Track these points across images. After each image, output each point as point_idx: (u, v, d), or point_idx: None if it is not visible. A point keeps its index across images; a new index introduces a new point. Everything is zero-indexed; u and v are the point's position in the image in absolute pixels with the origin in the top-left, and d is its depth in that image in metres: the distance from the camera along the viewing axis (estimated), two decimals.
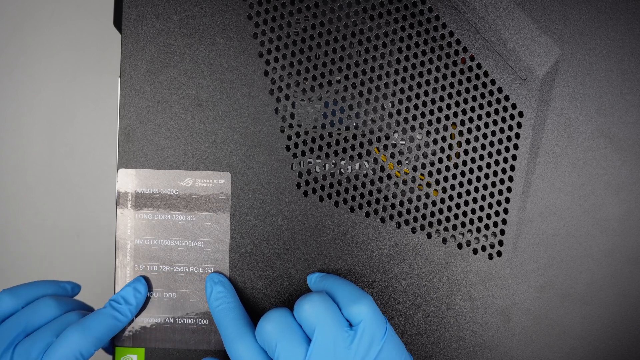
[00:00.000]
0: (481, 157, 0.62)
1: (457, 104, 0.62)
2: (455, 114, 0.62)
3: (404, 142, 0.62)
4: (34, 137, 1.00)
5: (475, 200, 0.62)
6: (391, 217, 0.63)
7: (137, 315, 0.63)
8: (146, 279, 0.63)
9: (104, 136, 1.00)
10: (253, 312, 0.63)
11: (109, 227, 1.01)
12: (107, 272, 0.99)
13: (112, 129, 0.99)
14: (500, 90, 0.62)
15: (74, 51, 1.00)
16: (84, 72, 1.00)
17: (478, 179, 0.62)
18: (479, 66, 0.62)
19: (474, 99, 0.62)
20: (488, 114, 0.62)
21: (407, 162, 0.62)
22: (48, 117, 0.99)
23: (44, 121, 0.99)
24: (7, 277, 1.00)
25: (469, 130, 0.62)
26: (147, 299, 0.63)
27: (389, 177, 0.62)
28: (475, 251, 0.63)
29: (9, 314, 0.60)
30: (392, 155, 0.62)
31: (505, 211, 0.63)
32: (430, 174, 0.62)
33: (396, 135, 0.62)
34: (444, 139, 0.62)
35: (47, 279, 0.99)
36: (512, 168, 0.62)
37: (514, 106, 0.62)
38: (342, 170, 0.63)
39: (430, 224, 0.63)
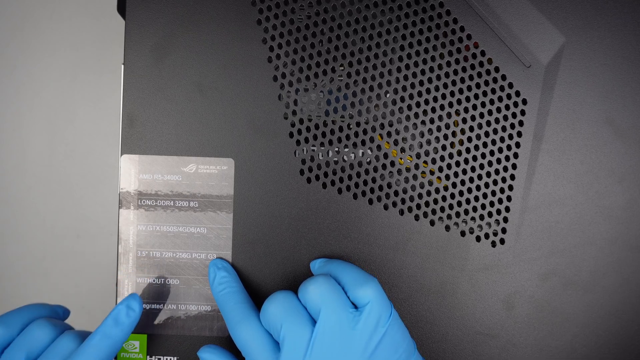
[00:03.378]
0: (485, 145, 0.62)
1: (460, 91, 0.62)
2: (459, 101, 0.62)
3: (407, 130, 0.62)
4: (34, 137, 1.00)
5: (478, 188, 0.62)
6: (394, 204, 0.63)
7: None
8: (144, 291, 0.63)
9: (104, 136, 1.00)
10: (256, 298, 0.63)
11: (109, 227, 1.01)
12: (107, 272, 0.99)
13: (112, 129, 0.99)
14: (504, 77, 0.62)
15: (74, 51, 1.00)
16: (84, 72, 1.00)
17: (481, 166, 0.62)
18: (482, 53, 0.62)
19: (478, 86, 0.62)
20: (492, 102, 0.62)
21: (410, 150, 0.62)
22: (48, 117, 0.99)
23: (44, 121, 0.99)
24: (6, 277, 1.00)
25: (473, 118, 0.62)
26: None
27: (392, 164, 0.62)
28: (478, 239, 0.63)
29: (6, 345, 0.59)
30: (396, 143, 0.62)
31: (509, 199, 0.63)
32: (433, 161, 0.62)
33: (400, 123, 0.62)
34: (447, 126, 0.62)
35: (47, 279, 0.99)
36: (516, 155, 0.62)
37: (517, 93, 0.62)
38: (345, 157, 0.63)
39: (434, 212, 0.63)
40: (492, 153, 0.62)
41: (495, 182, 0.62)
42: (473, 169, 0.62)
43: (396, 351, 0.55)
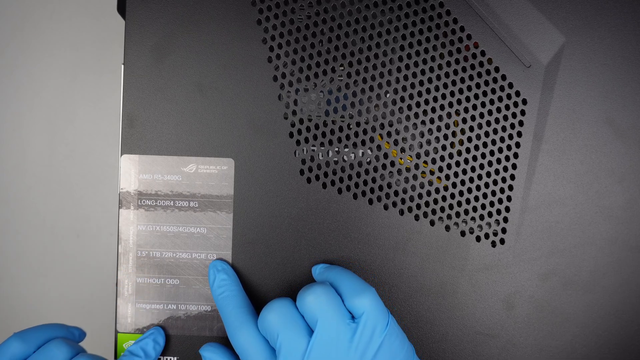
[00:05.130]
0: (485, 145, 0.62)
1: (460, 91, 0.62)
2: (459, 101, 0.62)
3: (407, 130, 0.62)
4: (34, 137, 1.00)
5: (478, 188, 0.62)
6: (394, 204, 0.63)
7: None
8: (164, 328, 0.63)
9: (104, 136, 1.00)
10: (256, 299, 0.63)
11: (109, 227, 1.01)
12: (107, 272, 0.99)
13: (112, 129, 0.99)
14: (504, 77, 0.62)
15: (74, 51, 1.00)
16: (84, 71, 1.00)
17: (481, 166, 0.62)
18: (482, 53, 0.62)
19: (478, 86, 0.62)
20: (492, 102, 0.62)
21: (410, 150, 0.62)
22: (48, 117, 0.99)
23: (44, 121, 0.99)
24: (6, 277, 1.00)
25: (473, 118, 0.62)
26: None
27: (392, 164, 0.62)
28: (478, 239, 0.63)
29: None
30: (396, 143, 0.62)
31: (509, 199, 0.63)
32: (433, 161, 0.62)
33: (400, 123, 0.62)
34: (447, 126, 0.62)
35: (47, 279, 0.99)
36: (516, 156, 0.62)
37: (517, 93, 0.62)
38: (345, 157, 0.63)
39: (434, 212, 0.63)
40: (492, 153, 0.62)
41: (495, 182, 0.62)
42: (473, 169, 0.62)
43: None
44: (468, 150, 0.62)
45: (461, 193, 0.62)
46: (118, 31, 0.99)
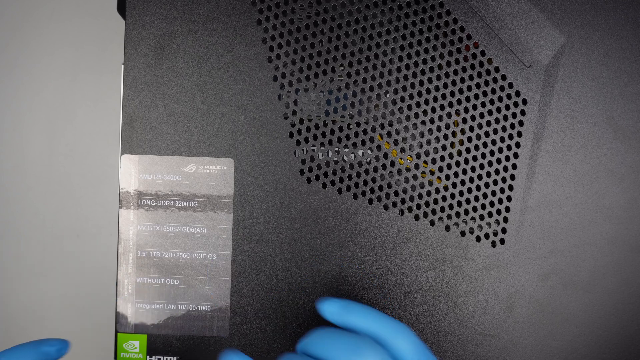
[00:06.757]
0: (485, 145, 0.62)
1: (460, 91, 0.62)
2: (459, 101, 0.62)
3: (407, 130, 0.62)
4: (34, 137, 1.00)
5: (478, 188, 0.62)
6: (394, 204, 0.63)
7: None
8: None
9: (104, 136, 1.00)
10: (255, 300, 0.63)
11: (109, 227, 1.00)
12: (107, 272, 0.99)
13: (112, 129, 0.99)
14: (504, 77, 0.62)
15: (74, 50, 1.00)
16: (84, 71, 1.00)
17: (481, 166, 0.62)
18: (482, 53, 0.62)
19: (478, 86, 0.62)
20: (492, 102, 0.62)
21: (410, 150, 0.62)
22: (48, 116, 0.99)
23: (44, 121, 0.99)
24: (6, 277, 1.00)
25: (473, 118, 0.62)
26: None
27: (392, 164, 0.62)
28: (478, 239, 0.63)
29: None
30: (396, 143, 0.62)
31: (509, 199, 0.62)
32: (433, 161, 0.62)
33: (400, 123, 0.62)
34: (447, 126, 0.62)
35: (47, 279, 0.99)
36: (516, 156, 0.62)
37: (517, 93, 0.62)
38: (345, 157, 0.63)
39: (434, 212, 0.63)
40: (492, 153, 0.62)
41: (495, 182, 0.62)
42: (473, 169, 0.62)
43: None
44: (468, 150, 0.62)
45: (461, 193, 0.62)
46: (118, 31, 0.99)
